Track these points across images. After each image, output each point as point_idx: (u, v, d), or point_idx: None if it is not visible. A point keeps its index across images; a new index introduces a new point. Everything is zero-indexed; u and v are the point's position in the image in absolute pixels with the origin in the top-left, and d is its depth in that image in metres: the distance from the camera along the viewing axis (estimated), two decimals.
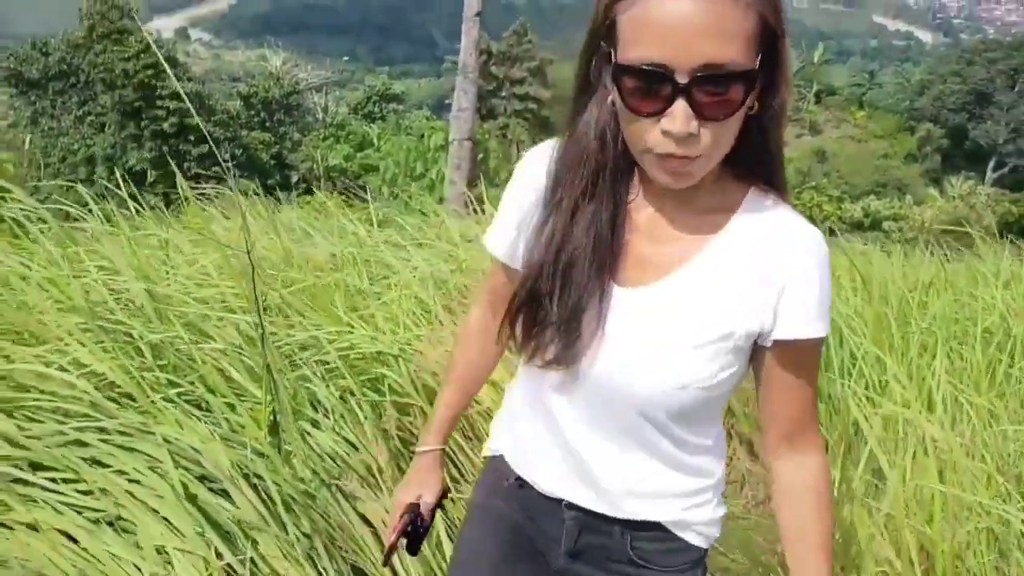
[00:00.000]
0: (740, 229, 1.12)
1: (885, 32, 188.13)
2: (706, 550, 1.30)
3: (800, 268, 1.09)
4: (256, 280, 1.62)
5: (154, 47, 5.38)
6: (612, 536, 1.26)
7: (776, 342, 1.11)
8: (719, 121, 0.97)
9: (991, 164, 46.93)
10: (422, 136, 14.17)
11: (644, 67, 0.94)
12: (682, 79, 0.93)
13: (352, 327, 2.31)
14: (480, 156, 10.96)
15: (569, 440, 1.23)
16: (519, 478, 1.33)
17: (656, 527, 1.25)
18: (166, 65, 1.80)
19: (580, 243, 1.11)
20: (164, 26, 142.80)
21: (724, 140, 1.00)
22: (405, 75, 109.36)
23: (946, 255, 5.10)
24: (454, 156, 10.21)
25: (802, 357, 1.14)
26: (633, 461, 1.21)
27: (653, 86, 0.95)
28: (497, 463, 1.38)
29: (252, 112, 40.10)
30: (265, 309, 2.07)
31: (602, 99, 1.07)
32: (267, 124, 40.43)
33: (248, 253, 1.61)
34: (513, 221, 1.21)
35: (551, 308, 1.12)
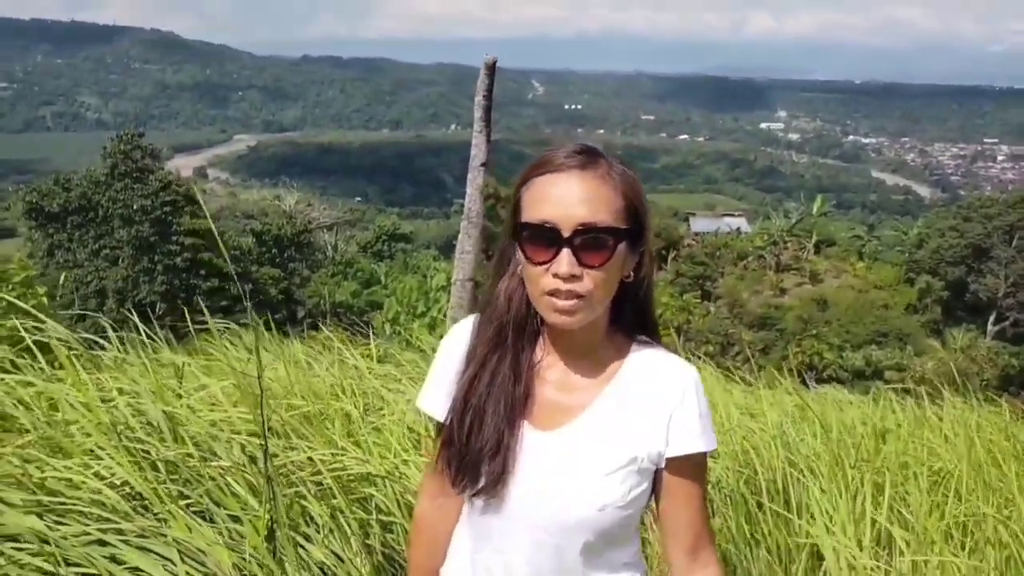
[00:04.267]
0: (630, 373, 1.42)
1: (884, 187, 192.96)
2: None
3: (679, 397, 1.39)
4: (264, 403, 1.87)
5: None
6: None
7: (669, 460, 1.39)
8: (596, 268, 1.29)
9: (992, 317, 47.28)
10: (425, 276, 14.62)
11: (538, 223, 1.29)
12: (566, 233, 1.27)
13: (346, 451, 2.54)
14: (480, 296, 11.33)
15: (514, 573, 1.42)
16: None
17: None
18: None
19: (487, 386, 1.40)
20: (184, 164, 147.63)
21: (602, 287, 1.31)
22: (414, 216, 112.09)
23: (937, 404, 5.27)
24: (456, 295, 10.51)
25: (693, 470, 1.42)
26: None
27: (545, 238, 1.29)
28: None
29: (263, 248, 41.00)
30: (269, 431, 2.30)
31: (512, 273, 1.39)
32: (277, 260, 41.23)
33: (259, 378, 1.86)
34: (445, 384, 1.47)
35: (469, 442, 1.39)
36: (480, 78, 10.12)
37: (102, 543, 1.79)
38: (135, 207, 34.48)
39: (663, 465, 1.41)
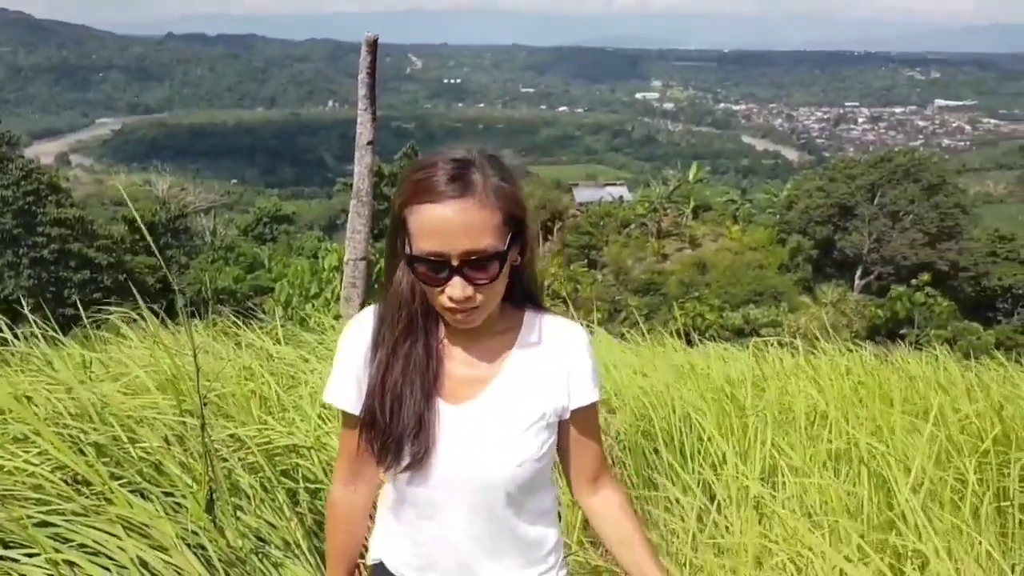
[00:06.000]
0: (528, 340, 1.58)
1: (755, 151, 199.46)
2: None
3: (574, 356, 1.57)
4: (197, 379, 1.95)
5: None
6: None
7: (573, 412, 1.58)
8: (485, 285, 1.41)
9: (858, 272, 49.85)
10: (315, 256, 14.46)
11: (427, 257, 1.39)
12: (455, 262, 1.38)
13: (268, 425, 2.63)
14: (375, 275, 11.29)
15: (450, 536, 1.57)
16: None
17: None
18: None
19: (402, 369, 1.51)
20: (44, 151, 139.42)
21: (492, 295, 1.45)
22: (295, 196, 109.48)
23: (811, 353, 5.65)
24: (349, 275, 10.45)
25: (591, 416, 1.62)
26: (499, 543, 1.58)
27: (435, 268, 1.39)
28: (380, 570, 1.69)
29: (137, 236, 39.43)
30: (190, 412, 2.38)
31: (408, 263, 1.46)
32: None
33: (195, 357, 1.94)
34: (351, 375, 1.57)
35: (391, 424, 1.50)
36: (362, 55, 10.04)
37: (44, 524, 1.85)
38: None
39: (567, 416, 1.58)
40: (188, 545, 1.89)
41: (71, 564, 1.75)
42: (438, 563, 1.59)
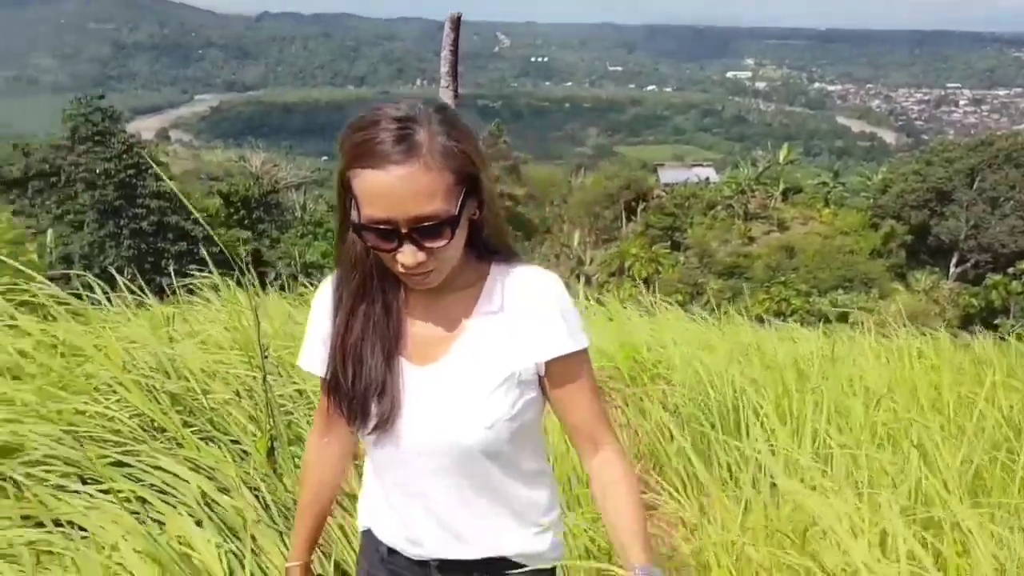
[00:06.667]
0: (494, 293, 1.49)
1: (850, 133, 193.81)
2: (553, 569, 1.64)
3: (544, 304, 1.47)
4: (257, 334, 2.08)
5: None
6: None
7: (548, 364, 1.48)
8: (437, 250, 1.35)
9: (954, 259, 48.14)
10: None
11: (375, 226, 1.32)
12: (404, 228, 1.30)
13: None
14: None
15: (427, 500, 1.53)
16: (389, 548, 1.62)
17: (507, 562, 1.57)
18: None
19: (361, 329, 1.48)
20: (145, 127, 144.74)
21: (448, 256, 1.38)
22: None
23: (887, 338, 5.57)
24: None
25: (573, 368, 1.50)
26: (481, 504, 1.53)
27: (384, 236, 1.33)
28: (368, 537, 1.67)
29: (231, 210, 40.61)
30: (260, 368, 2.52)
31: (355, 231, 1.40)
32: (245, 222, 40.82)
33: (255, 311, 2.07)
34: (318, 339, 1.54)
35: (354, 385, 1.48)
36: (445, 32, 10.18)
37: (120, 464, 2.01)
38: (98, 171, 34.03)
39: (544, 372, 1.49)
40: (249, 488, 2.03)
41: (142, 500, 1.90)
42: (425, 535, 1.56)
